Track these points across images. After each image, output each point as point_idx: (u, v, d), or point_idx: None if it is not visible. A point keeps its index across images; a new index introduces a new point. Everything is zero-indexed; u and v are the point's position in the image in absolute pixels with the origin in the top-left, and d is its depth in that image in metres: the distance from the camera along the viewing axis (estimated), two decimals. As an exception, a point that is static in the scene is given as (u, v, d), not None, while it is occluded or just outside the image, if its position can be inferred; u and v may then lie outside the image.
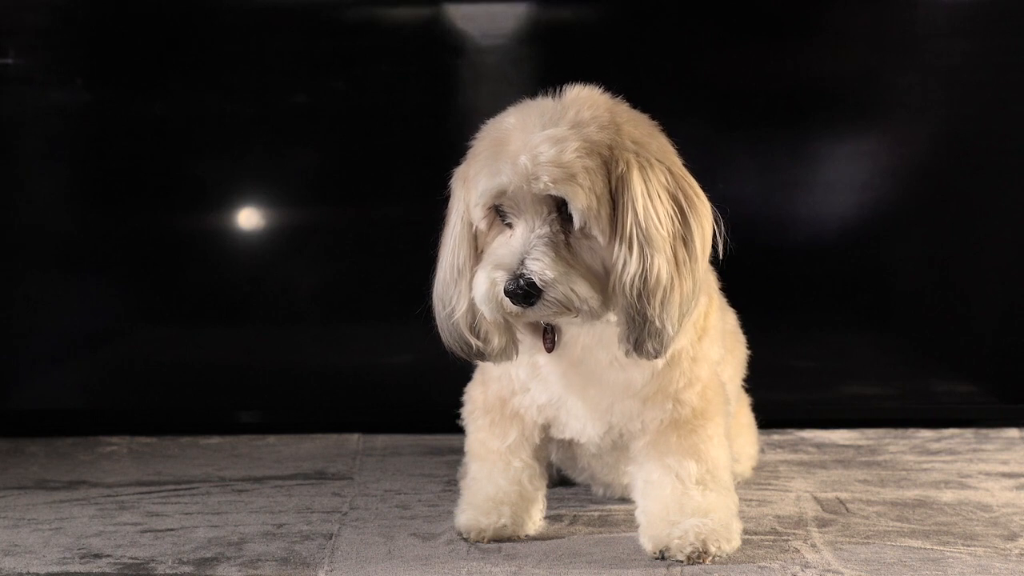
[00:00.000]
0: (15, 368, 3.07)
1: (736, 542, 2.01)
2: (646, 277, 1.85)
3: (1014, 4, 2.94)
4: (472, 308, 1.94)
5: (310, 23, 2.98)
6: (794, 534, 2.13)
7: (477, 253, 1.95)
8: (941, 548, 2.05)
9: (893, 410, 3.02)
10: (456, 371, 2.26)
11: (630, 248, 1.85)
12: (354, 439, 2.89)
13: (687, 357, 2.00)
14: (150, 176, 3.01)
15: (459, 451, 2.27)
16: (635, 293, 1.85)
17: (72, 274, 3.03)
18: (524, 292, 1.84)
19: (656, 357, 1.90)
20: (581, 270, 1.87)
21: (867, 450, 2.76)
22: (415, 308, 2.04)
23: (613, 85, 3.09)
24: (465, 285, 1.94)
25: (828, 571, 1.94)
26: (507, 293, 1.85)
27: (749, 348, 2.38)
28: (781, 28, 2.99)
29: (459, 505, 2.16)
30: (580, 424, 2.05)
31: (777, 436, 2.86)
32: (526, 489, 2.13)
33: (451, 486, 2.41)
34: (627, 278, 1.85)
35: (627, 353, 1.90)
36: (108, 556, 2.06)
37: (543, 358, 2.01)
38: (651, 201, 1.87)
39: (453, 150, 3.05)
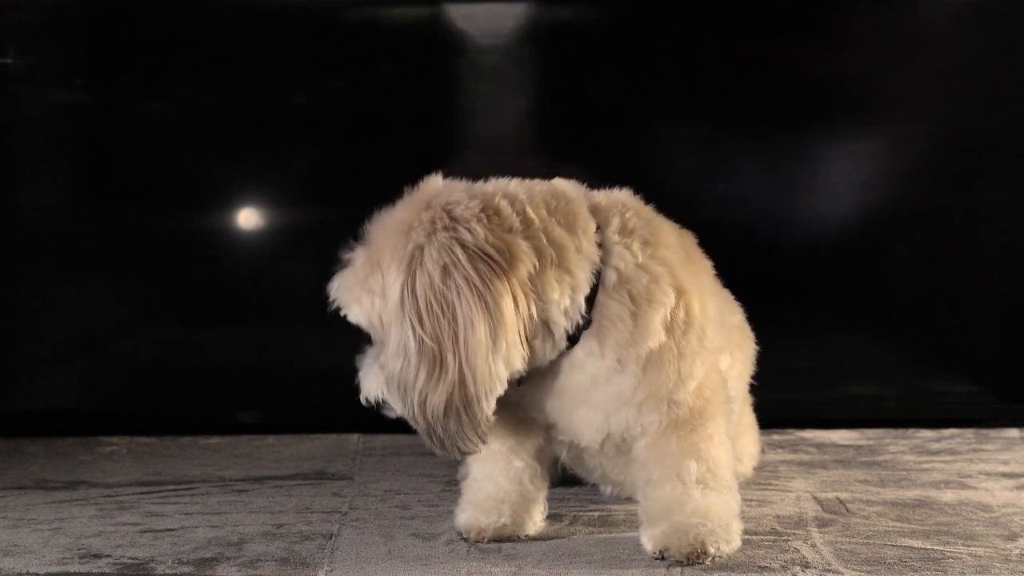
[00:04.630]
0: (15, 368, 3.07)
1: (736, 543, 2.00)
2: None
3: (1014, 4, 2.94)
4: None
5: (310, 23, 2.98)
6: (794, 534, 2.13)
7: None
8: (941, 548, 2.05)
9: (893, 410, 3.02)
10: (456, 371, 2.26)
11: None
12: (354, 439, 2.89)
13: (670, 355, 1.96)
14: (150, 176, 3.01)
15: (459, 451, 2.27)
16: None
17: (72, 274, 3.03)
18: (369, 405, 2.00)
19: (460, 455, 1.94)
20: (385, 380, 1.96)
21: (867, 450, 2.76)
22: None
23: (613, 85, 3.11)
24: None
25: (828, 571, 1.94)
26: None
27: (752, 347, 2.38)
28: (781, 28, 2.99)
29: (459, 504, 2.16)
30: (577, 434, 2.06)
31: (777, 436, 2.86)
32: (527, 489, 2.12)
33: (451, 486, 2.41)
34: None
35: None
36: (108, 556, 2.06)
37: (524, 387, 2.01)
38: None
39: (453, 150, 3.07)
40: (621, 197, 2.07)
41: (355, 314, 1.97)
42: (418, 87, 3.00)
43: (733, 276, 2.34)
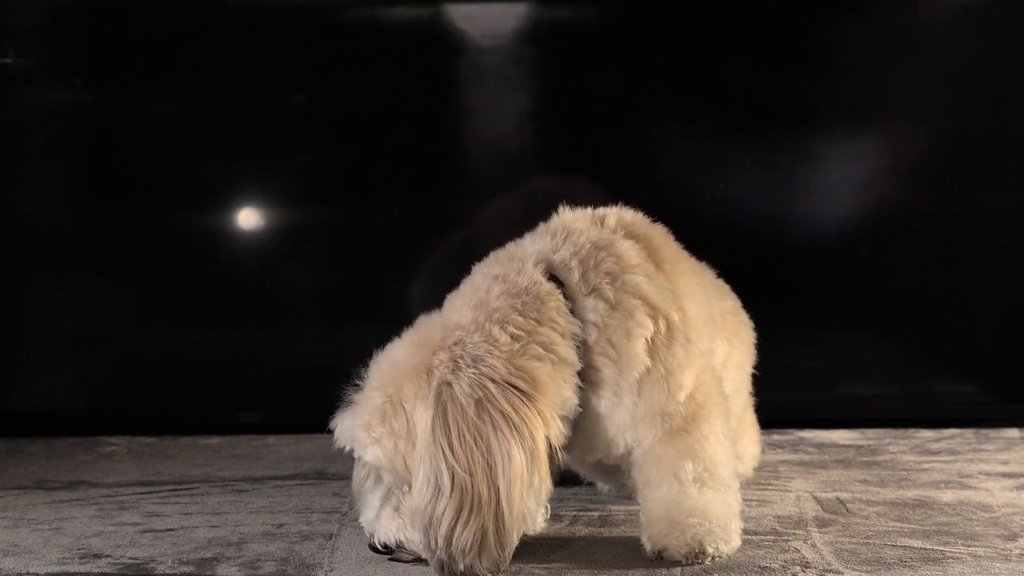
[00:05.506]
0: (15, 368, 3.07)
1: (735, 542, 2.00)
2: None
3: (1014, 4, 2.94)
4: None
5: (310, 23, 2.98)
6: (794, 534, 2.13)
7: None
8: (941, 548, 2.05)
9: (893, 410, 3.02)
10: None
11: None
12: (354, 439, 2.89)
13: (659, 376, 1.99)
14: (150, 176, 3.01)
15: (459, 451, 2.26)
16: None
17: (72, 274, 3.03)
18: (385, 550, 1.97)
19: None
20: (407, 518, 1.93)
21: (867, 450, 2.76)
22: (413, 307, 2.05)
23: (613, 85, 3.10)
24: None
25: (828, 571, 1.94)
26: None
27: (750, 347, 2.37)
28: (782, 28, 2.99)
29: (460, 504, 2.16)
30: (576, 455, 2.10)
31: (777, 436, 2.86)
32: (527, 490, 2.13)
33: (451, 486, 2.41)
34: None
35: None
36: (108, 556, 2.06)
37: None
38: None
39: (453, 150, 3.07)
40: (568, 221, 2.07)
41: (374, 455, 1.93)
42: (418, 87, 3.00)
43: (733, 276, 2.34)
